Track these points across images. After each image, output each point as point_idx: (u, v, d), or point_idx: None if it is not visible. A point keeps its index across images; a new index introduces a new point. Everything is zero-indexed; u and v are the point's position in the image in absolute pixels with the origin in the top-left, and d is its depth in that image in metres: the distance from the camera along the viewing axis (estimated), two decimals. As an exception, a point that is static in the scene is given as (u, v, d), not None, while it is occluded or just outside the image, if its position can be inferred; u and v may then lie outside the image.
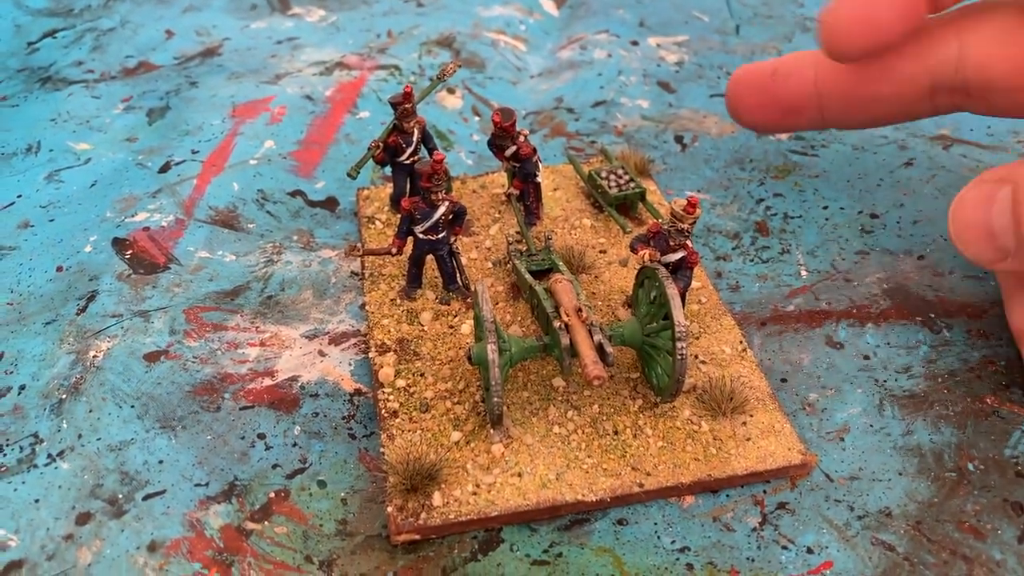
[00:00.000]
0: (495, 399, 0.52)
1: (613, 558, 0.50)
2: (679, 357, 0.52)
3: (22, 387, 0.59)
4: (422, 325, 0.62)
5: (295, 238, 0.72)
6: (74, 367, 0.60)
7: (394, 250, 0.62)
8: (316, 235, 0.72)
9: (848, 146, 0.81)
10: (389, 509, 0.50)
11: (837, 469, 0.54)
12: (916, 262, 0.68)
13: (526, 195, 0.70)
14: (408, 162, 0.69)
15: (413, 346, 0.60)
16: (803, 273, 0.68)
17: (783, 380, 0.60)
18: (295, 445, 0.56)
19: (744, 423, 0.55)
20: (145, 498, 0.52)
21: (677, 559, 0.49)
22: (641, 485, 0.51)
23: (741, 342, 0.61)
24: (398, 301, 0.64)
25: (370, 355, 0.60)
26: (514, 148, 0.68)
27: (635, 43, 1.00)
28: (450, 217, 0.62)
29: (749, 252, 0.70)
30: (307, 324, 0.64)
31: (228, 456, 0.55)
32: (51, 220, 0.74)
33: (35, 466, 0.54)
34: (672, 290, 0.53)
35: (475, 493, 0.51)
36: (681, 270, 0.58)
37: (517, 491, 0.51)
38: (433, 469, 0.51)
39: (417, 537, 0.50)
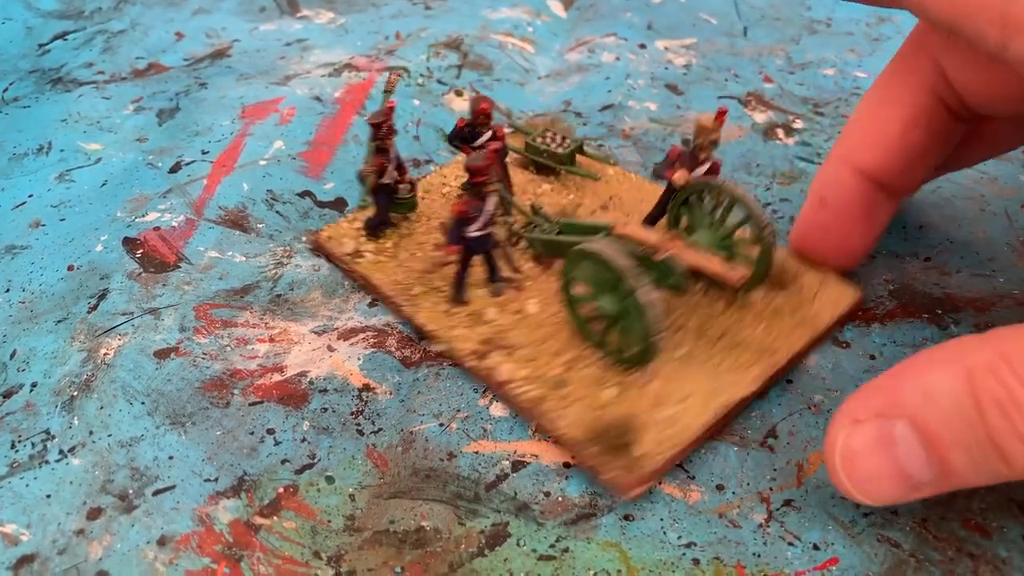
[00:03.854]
0: (657, 336, 0.54)
1: (619, 552, 0.50)
2: (768, 243, 0.59)
3: (34, 384, 0.60)
4: (494, 320, 0.62)
5: (304, 239, 0.72)
6: (85, 364, 0.61)
7: (452, 258, 0.62)
8: (325, 235, 0.73)
9: (854, 149, 0.81)
10: (607, 476, 0.52)
11: (843, 467, 0.54)
12: (922, 263, 0.68)
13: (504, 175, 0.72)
14: (389, 182, 0.68)
15: (502, 340, 0.60)
16: (809, 273, 0.68)
17: (789, 381, 0.60)
18: (304, 441, 0.56)
19: (801, 287, 0.63)
20: (155, 493, 0.53)
21: (683, 554, 0.50)
22: (777, 363, 0.57)
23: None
24: (451, 310, 0.63)
25: (470, 365, 0.59)
26: (490, 133, 0.69)
27: (643, 46, 1.00)
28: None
29: (756, 253, 0.70)
30: (316, 320, 0.64)
31: (237, 452, 0.55)
32: (62, 220, 0.75)
33: (47, 462, 0.55)
34: (741, 190, 0.59)
35: (665, 429, 0.53)
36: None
37: (695, 413, 0.54)
38: (619, 425, 0.53)
39: (647, 486, 0.52)
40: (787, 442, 0.56)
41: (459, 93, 0.91)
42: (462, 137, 0.69)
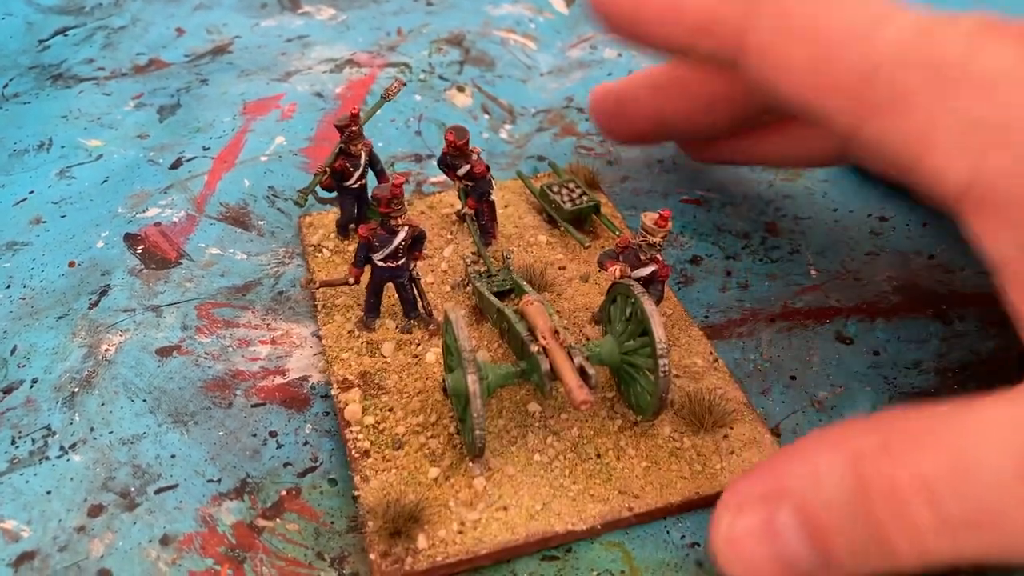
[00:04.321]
0: (477, 431, 0.50)
1: (623, 553, 0.50)
2: (662, 374, 0.51)
3: (35, 380, 0.59)
4: (384, 356, 0.60)
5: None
6: (86, 361, 0.60)
7: (352, 280, 0.60)
8: (327, 232, 0.73)
9: (858, 149, 0.81)
10: (372, 556, 0.48)
11: (847, 467, 0.54)
12: (927, 261, 0.68)
13: (480, 214, 0.68)
14: (355, 186, 0.68)
15: (377, 379, 0.58)
16: (812, 272, 0.68)
17: (792, 377, 0.60)
18: (306, 443, 0.56)
19: (726, 436, 0.54)
20: (157, 492, 0.53)
21: (687, 555, 0.50)
22: (631, 509, 0.50)
23: (711, 353, 0.60)
24: (356, 332, 0.61)
25: (332, 392, 0.58)
26: (468, 167, 0.66)
27: (645, 42, 1.00)
28: (410, 242, 0.60)
29: (759, 251, 0.70)
30: (318, 322, 0.64)
31: (240, 453, 0.55)
32: (63, 216, 0.74)
33: (47, 458, 0.54)
34: (650, 306, 0.52)
35: (461, 532, 0.49)
36: (652, 284, 0.57)
37: (505, 526, 0.50)
38: (415, 510, 0.49)
39: None
40: (791, 440, 0.56)
41: (461, 89, 0.91)
42: (446, 163, 0.67)
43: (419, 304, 0.62)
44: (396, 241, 0.59)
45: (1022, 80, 0.41)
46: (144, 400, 0.58)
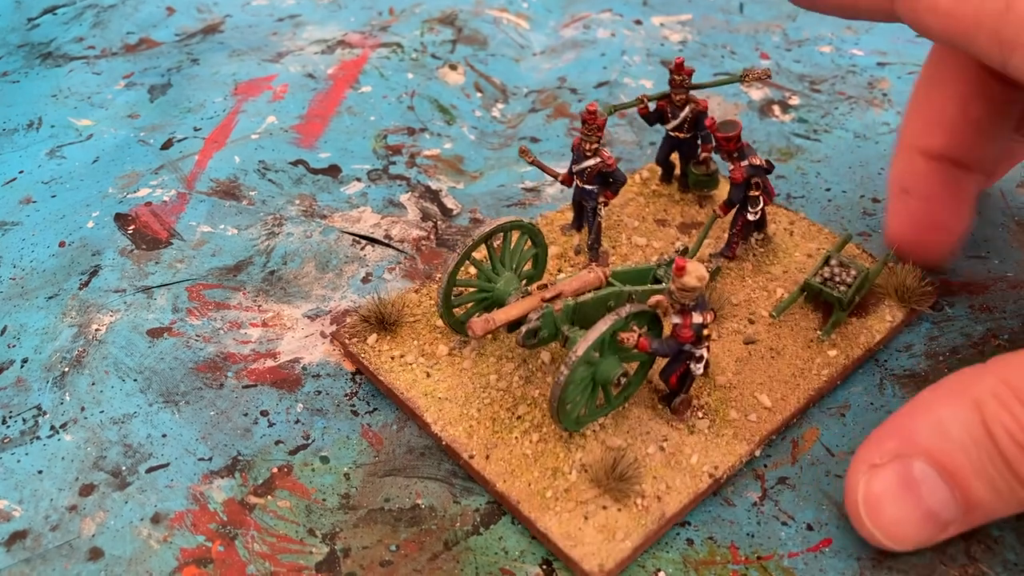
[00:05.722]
0: (438, 300, 0.57)
1: (614, 532, 0.50)
2: (557, 380, 0.49)
3: (25, 360, 0.59)
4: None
5: (297, 202, 0.72)
6: (76, 340, 0.60)
7: (559, 177, 0.64)
8: (319, 199, 0.73)
9: (851, 133, 0.80)
10: (347, 321, 0.60)
11: (838, 443, 0.54)
12: (918, 242, 0.68)
13: (734, 223, 0.63)
14: (672, 134, 0.69)
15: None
16: (805, 252, 0.68)
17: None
18: (298, 422, 0.56)
19: (662, 447, 0.52)
20: (148, 471, 0.53)
21: (677, 534, 0.50)
22: (471, 457, 0.52)
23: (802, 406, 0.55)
24: (563, 232, 0.68)
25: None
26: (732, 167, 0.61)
27: (638, 22, 0.99)
28: (603, 176, 0.62)
29: (751, 231, 0.70)
30: (309, 302, 0.64)
31: (231, 432, 0.55)
32: (53, 196, 0.74)
33: (38, 438, 0.54)
34: (600, 324, 0.49)
35: (392, 359, 0.58)
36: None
37: (411, 381, 0.56)
38: (393, 323, 0.59)
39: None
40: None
41: (453, 67, 0.91)
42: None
43: (589, 236, 0.65)
44: (584, 164, 0.62)
45: None
46: (135, 380, 0.58)
